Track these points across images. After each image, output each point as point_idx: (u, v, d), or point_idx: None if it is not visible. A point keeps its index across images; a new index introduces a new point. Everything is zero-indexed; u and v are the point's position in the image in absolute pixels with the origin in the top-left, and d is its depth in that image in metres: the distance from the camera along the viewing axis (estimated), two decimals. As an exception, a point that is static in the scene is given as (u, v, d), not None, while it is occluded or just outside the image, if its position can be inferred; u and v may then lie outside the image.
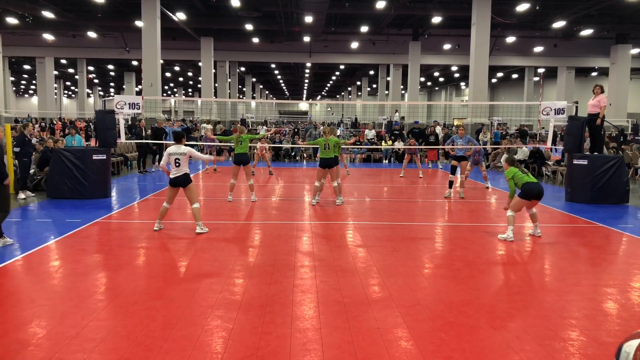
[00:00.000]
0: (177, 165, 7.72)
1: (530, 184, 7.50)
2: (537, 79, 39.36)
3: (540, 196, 7.59)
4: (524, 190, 7.52)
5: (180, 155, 7.72)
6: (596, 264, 6.65)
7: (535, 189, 7.50)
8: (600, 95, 11.46)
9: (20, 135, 10.96)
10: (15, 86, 63.72)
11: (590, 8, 23.70)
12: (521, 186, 7.55)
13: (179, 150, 7.74)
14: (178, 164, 7.71)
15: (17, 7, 23.48)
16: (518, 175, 7.62)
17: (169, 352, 3.89)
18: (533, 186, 7.50)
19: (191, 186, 7.76)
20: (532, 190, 7.48)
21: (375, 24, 28.68)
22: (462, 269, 6.18)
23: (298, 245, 7.25)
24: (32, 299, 4.94)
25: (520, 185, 7.56)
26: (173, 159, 7.74)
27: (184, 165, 7.75)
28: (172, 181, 7.76)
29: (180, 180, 7.72)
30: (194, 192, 7.81)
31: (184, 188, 7.75)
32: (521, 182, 7.56)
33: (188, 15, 26.38)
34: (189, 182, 7.75)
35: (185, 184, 7.73)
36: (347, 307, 4.87)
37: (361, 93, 53.69)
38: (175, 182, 7.74)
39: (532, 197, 7.52)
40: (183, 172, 7.73)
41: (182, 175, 7.72)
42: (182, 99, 65.89)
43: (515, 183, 7.64)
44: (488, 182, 13.45)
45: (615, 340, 4.24)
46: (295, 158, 21.81)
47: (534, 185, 7.52)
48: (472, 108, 23.54)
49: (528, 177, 7.60)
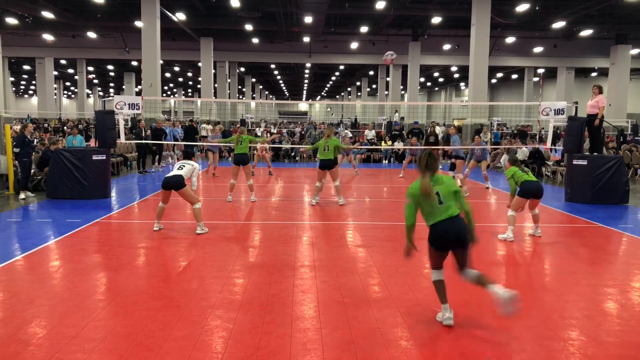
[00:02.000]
0: (180, 168, 7.73)
1: (529, 182, 7.49)
2: (537, 80, 39.35)
3: (539, 195, 7.55)
4: (522, 189, 7.51)
5: (187, 165, 7.84)
6: (596, 264, 6.65)
7: (533, 187, 7.48)
8: (599, 95, 11.47)
9: (20, 136, 10.94)
10: (15, 86, 63.68)
11: (590, 8, 23.69)
12: (520, 184, 7.54)
13: (187, 162, 7.93)
14: (181, 168, 7.74)
15: (17, 7, 23.46)
16: (517, 174, 7.61)
17: (169, 352, 3.89)
18: (532, 185, 7.49)
19: (184, 190, 7.60)
20: (531, 189, 7.46)
21: (375, 24, 28.67)
22: (462, 269, 6.17)
23: (298, 245, 7.25)
24: (32, 299, 4.94)
25: (520, 184, 7.56)
26: (179, 165, 7.85)
27: (184, 173, 7.67)
28: (164, 183, 7.63)
29: (172, 183, 7.56)
30: (189, 194, 7.69)
31: (177, 192, 7.62)
32: (520, 181, 7.55)
33: (188, 16, 26.37)
34: (182, 186, 7.57)
35: (177, 187, 7.56)
36: (347, 307, 4.87)
37: (361, 93, 53.66)
38: (167, 184, 7.60)
39: (531, 195, 7.50)
40: (178, 174, 7.61)
41: (176, 178, 7.57)
42: (182, 99, 65.92)
43: (515, 182, 7.63)
44: (488, 182, 13.44)
45: (615, 340, 4.24)
46: (295, 158, 21.81)
47: (532, 183, 7.51)
48: (472, 108, 23.51)
49: (527, 176, 7.58)
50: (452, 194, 4.30)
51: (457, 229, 4.23)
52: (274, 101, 79.44)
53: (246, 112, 38.78)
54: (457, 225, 4.23)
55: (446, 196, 4.28)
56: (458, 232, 4.23)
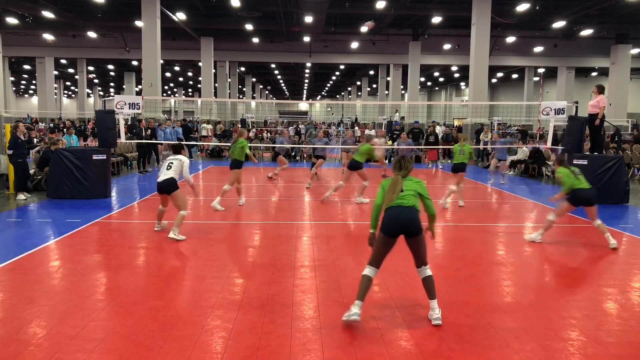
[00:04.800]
0: (168, 168, 7.42)
1: (581, 190, 7.09)
2: (537, 79, 39.35)
3: (589, 203, 7.12)
4: (574, 196, 7.13)
5: (174, 160, 7.52)
6: (596, 264, 6.65)
7: (582, 195, 7.08)
8: (599, 95, 11.46)
9: (12, 137, 10.72)
10: (15, 86, 63.64)
11: (590, 8, 23.68)
12: (572, 191, 7.13)
13: (175, 157, 7.60)
14: (170, 167, 7.42)
15: (17, 7, 23.45)
16: (571, 179, 7.17)
17: (169, 352, 3.89)
18: (585, 193, 7.09)
19: (176, 194, 7.33)
20: (580, 197, 7.08)
21: (375, 23, 28.65)
22: (462, 269, 6.18)
23: (298, 245, 7.25)
24: (32, 299, 4.94)
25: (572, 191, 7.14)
26: (167, 163, 7.53)
27: (174, 171, 7.39)
28: (158, 186, 7.43)
29: (165, 185, 7.32)
30: (180, 200, 7.36)
31: (169, 195, 7.37)
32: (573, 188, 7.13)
33: (188, 15, 26.36)
34: (174, 189, 7.31)
35: (170, 190, 7.32)
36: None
37: (361, 93, 53.64)
38: (161, 187, 7.39)
39: (582, 203, 7.13)
40: (169, 176, 7.33)
41: (168, 180, 7.32)
42: (182, 99, 65.87)
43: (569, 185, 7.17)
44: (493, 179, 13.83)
45: (615, 340, 4.25)
46: (295, 158, 21.79)
47: (585, 191, 7.10)
48: (472, 108, 23.49)
49: (580, 182, 7.15)
50: (417, 194, 4.59)
51: (409, 216, 4.46)
52: (274, 101, 79.40)
53: (246, 111, 38.79)
54: (409, 213, 4.47)
55: (410, 192, 4.57)
56: (409, 219, 4.45)
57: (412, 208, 4.50)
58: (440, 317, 4.43)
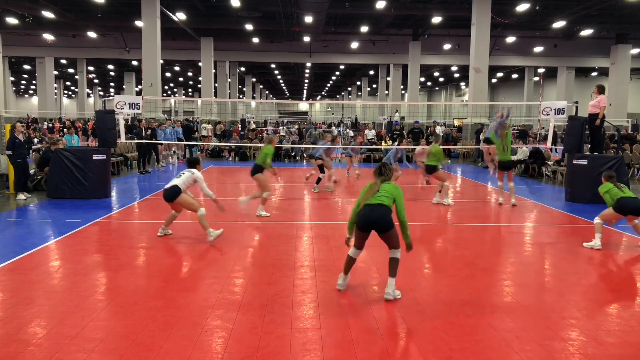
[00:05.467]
0: (178, 177, 7.33)
1: (627, 199, 7.15)
2: (537, 79, 39.36)
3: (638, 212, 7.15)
4: (620, 205, 7.17)
5: (187, 172, 7.40)
6: (596, 264, 6.65)
7: (630, 204, 7.14)
8: (600, 95, 11.46)
9: (10, 138, 10.69)
10: (15, 86, 63.67)
11: (590, 8, 23.69)
12: (617, 200, 7.19)
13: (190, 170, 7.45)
14: (179, 176, 7.32)
15: (17, 7, 23.46)
16: (613, 191, 7.29)
17: (169, 352, 3.89)
18: (631, 202, 7.15)
19: (181, 199, 7.17)
20: (626, 205, 7.13)
21: (375, 24, 28.67)
22: (462, 269, 6.18)
23: (298, 245, 7.25)
24: (32, 299, 4.94)
25: (616, 200, 7.20)
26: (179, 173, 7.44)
27: (181, 181, 7.22)
28: (163, 195, 7.33)
29: (167, 194, 7.19)
30: (187, 203, 7.25)
31: (173, 203, 7.23)
32: (616, 197, 7.21)
33: (188, 15, 26.37)
34: (175, 197, 7.14)
35: (171, 199, 7.17)
36: (347, 307, 4.87)
37: (361, 93, 53.66)
38: (164, 195, 7.29)
39: (628, 212, 7.16)
40: (174, 184, 7.19)
41: (171, 189, 7.18)
42: (182, 99, 65.89)
43: (610, 197, 7.30)
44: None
45: (616, 340, 4.25)
46: (295, 158, 21.81)
47: (631, 200, 7.16)
48: (472, 108, 23.51)
49: (623, 192, 7.25)
50: (391, 199, 5.03)
51: (378, 215, 4.95)
52: (274, 101, 79.41)
53: (246, 111, 38.81)
54: (378, 212, 4.96)
55: (385, 193, 5.03)
56: (379, 217, 4.95)
57: (384, 206, 4.98)
58: (391, 294, 4.96)
